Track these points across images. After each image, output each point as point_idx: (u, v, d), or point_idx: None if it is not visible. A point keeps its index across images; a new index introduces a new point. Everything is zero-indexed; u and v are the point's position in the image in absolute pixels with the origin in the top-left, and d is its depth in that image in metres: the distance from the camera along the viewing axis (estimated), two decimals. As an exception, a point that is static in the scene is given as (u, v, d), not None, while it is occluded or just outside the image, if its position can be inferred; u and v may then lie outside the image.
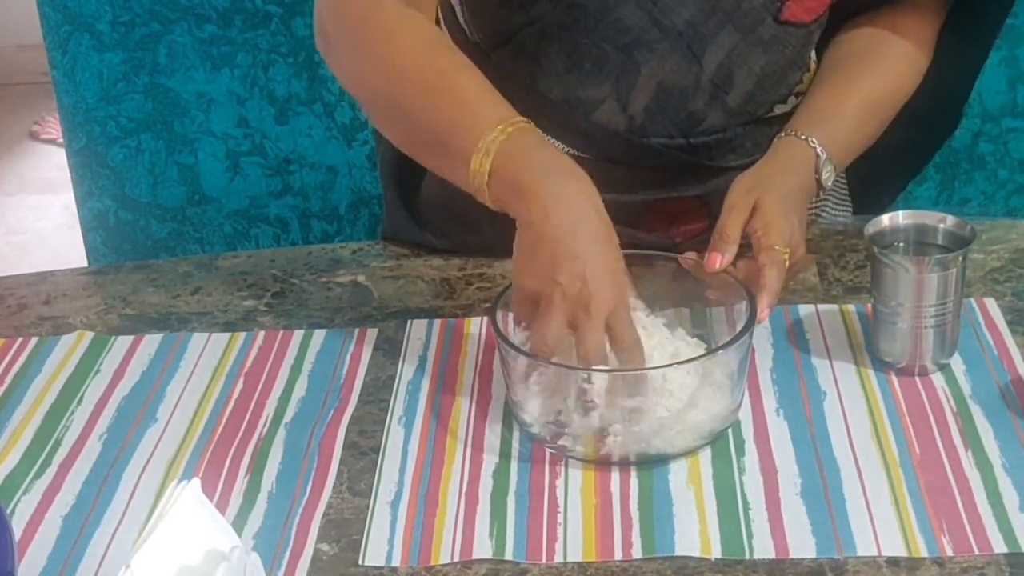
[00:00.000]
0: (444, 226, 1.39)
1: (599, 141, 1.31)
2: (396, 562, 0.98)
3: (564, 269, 1.04)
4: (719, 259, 1.14)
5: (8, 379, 1.22)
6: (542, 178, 1.08)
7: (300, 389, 1.18)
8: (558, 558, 0.97)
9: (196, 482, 0.93)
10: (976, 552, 0.96)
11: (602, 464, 1.06)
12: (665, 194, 1.35)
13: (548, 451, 1.08)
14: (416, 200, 1.43)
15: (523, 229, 1.08)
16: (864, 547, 0.96)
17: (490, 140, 1.10)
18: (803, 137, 1.26)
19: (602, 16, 1.25)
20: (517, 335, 1.11)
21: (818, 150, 1.25)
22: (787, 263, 1.16)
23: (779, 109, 1.35)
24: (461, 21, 1.33)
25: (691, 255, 1.17)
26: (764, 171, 1.24)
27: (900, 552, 0.96)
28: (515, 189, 1.09)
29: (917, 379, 1.14)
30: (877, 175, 1.43)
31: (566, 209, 1.06)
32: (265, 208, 1.80)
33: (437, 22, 1.29)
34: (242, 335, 1.27)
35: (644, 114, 1.30)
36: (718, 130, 1.32)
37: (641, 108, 1.29)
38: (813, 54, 1.36)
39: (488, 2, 1.29)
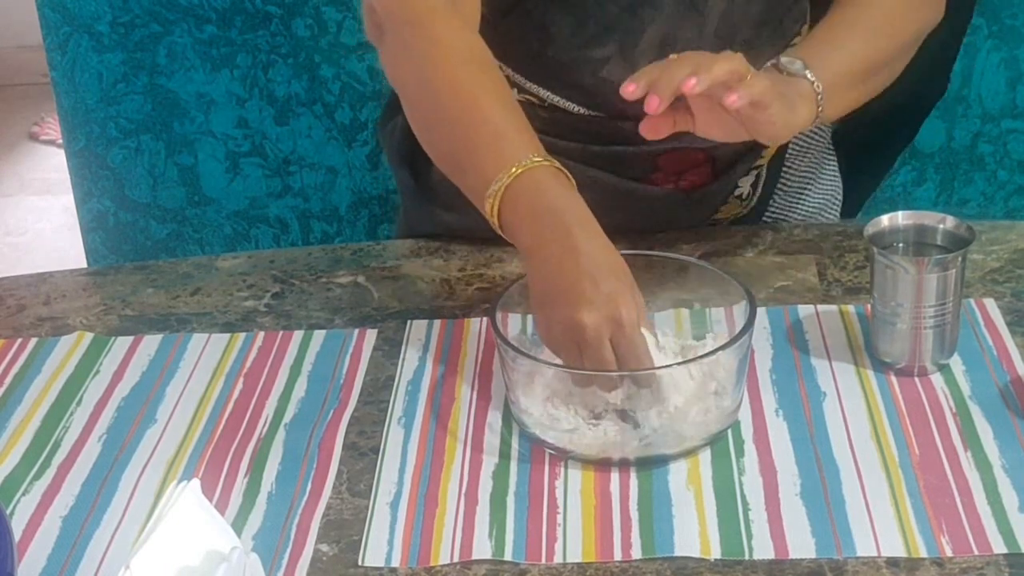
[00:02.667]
0: (459, 203, 1.39)
1: (608, 97, 1.32)
2: (396, 563, 0.98)
3: (585, 295, 1.05)
4: (694, 82, 1.11)
5: (7, 380, 1.22)
6: (545, 228, 1.09)
7: (300, 390, 1.18)
8: (557, 559, 0.97)
9: (196, 483, 0.93)
10: (975, 552, 0.96)
11: (602, 465, 1.06)
12: (671, 145, 1.35)
13: (547, 452, 1.08)
14: (430, 180, 1.44)
15: (533, 282, 1.10)
16: (863, 548, 0.96)
17: (497, 187, 1.12)
18: (804, 73, 1.23)
19: None
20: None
21: (816, 86, 1.22)
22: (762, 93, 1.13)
23: None
24: None
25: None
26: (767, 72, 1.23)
27: (899, 553, 0.96)
28: (517, 238, 1.11)
29: (916, 380, 1.14)
30: (867, 147, 1.43)
31: (567, 258, 1.07)
32: (265, 209, 1.80)
33: None
34: (242, 336, 1.27)
35: None
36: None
37: (647, 64, 1.29)
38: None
39: None
